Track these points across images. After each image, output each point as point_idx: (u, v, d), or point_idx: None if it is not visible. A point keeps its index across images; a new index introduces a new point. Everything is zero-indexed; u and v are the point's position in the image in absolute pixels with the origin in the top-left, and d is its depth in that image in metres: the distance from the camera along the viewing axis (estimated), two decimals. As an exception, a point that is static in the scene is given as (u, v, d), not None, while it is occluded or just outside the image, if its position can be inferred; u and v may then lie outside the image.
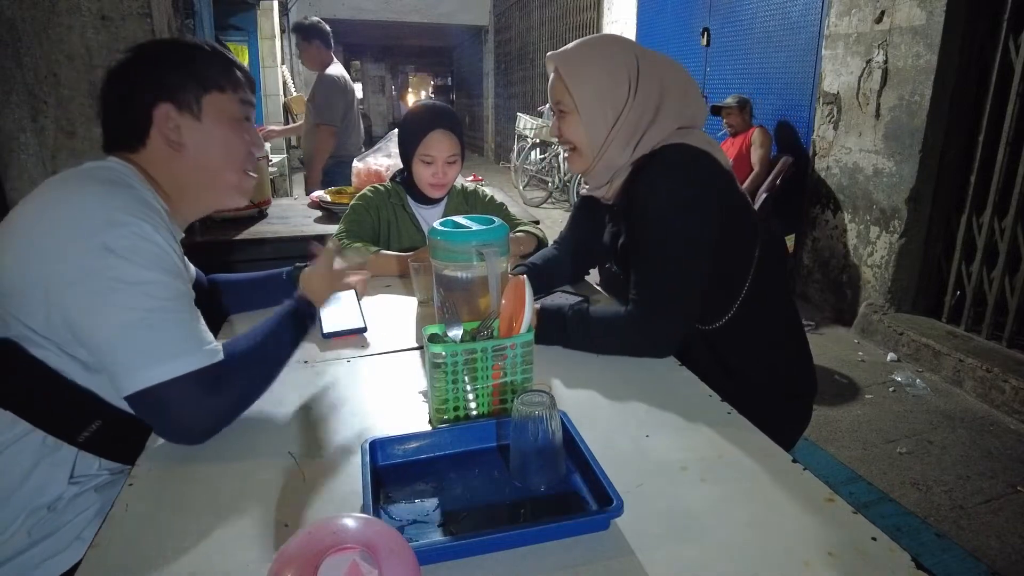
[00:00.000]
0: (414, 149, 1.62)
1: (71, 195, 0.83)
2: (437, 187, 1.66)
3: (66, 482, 0.87)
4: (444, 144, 1.61)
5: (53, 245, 0.79)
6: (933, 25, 2.88)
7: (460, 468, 0.79)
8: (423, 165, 1.63)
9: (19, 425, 0.84)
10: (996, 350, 2.78)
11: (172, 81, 0.92)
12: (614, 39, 1.16)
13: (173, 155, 0.94)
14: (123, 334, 0.78)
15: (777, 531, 0.68)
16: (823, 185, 3.63)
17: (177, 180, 0.96)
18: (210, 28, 2.97)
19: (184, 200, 0.98)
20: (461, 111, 14.66)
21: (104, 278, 0.78)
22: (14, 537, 0.83)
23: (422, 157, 1.62)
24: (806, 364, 1.24)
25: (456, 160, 1.65)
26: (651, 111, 1.11)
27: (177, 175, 0.95)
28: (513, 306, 0.90)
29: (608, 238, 1.29)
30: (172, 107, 0.92)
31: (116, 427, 0.89)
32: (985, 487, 2.08)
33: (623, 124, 1.11)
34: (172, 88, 0.92)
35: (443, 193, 1.70)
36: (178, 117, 0.93)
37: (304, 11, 9.17)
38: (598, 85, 1.11)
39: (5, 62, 1.94)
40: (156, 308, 0.79)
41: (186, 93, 0.93)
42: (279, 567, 0.51)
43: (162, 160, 0.94)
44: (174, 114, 0.92)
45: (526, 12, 9.53)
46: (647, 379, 1.03)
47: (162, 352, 0.78)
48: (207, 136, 0.95)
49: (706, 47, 4.77)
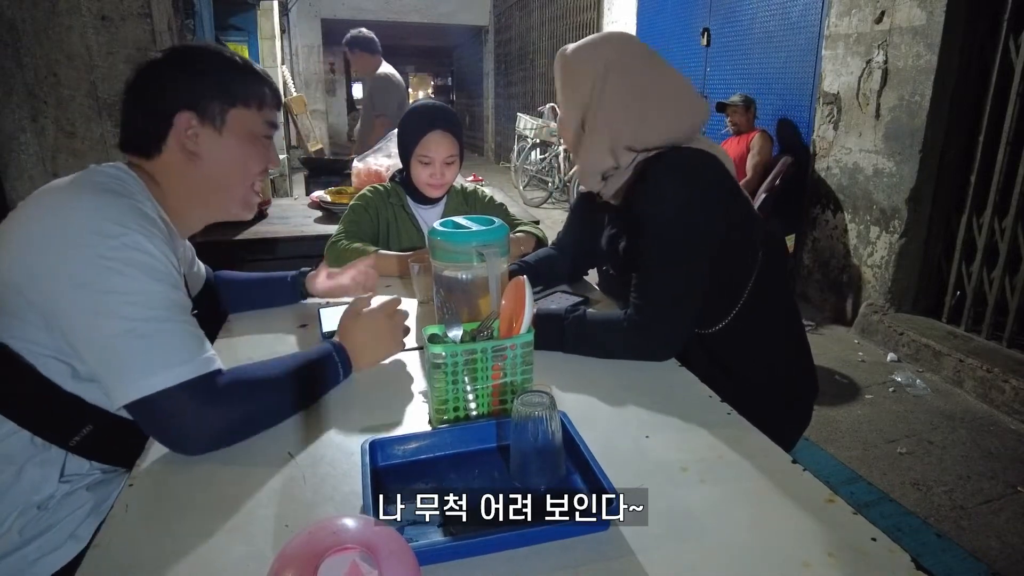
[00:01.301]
0: (412, 150, 1.62)
1: (64, 204, 0.82)
2: (435, 188, 1.66)
3: (57, 481, 0.86)
4: (442, 145, 1.61)
5: (45, 256, 0.79)
6: (933, 25, 2.88)
7: (460, 469, 0.79)
8: (421, 166, 1.63)
9: (6, 424, 0.84)
10: (996, 350, 2.78)
11: (199, 89, 0.92)
12: (604, 41, 1.14)
13: (186, 164, 0.93)
14: (116, 345, 0.77)
15: (777, 532, 0.68)
16: (823, 185, 3.63)
17: (184, 189, 0.95)
18: (210, 28, 2.97)
19: (188, 210, 0.98)
20: (461, 111, 14.66)
21: (96, 290, 0.77)
22: (6, 536, 0.82)
23: (420, 158, 1.62)
24: (806, 365, 1.23)
25: (454, 161, 1.65)
26: (619, 118, 1.10)
27: (186, 185, 0.95)
28: (513, 307, 0.90)
29: (606, 242, 1.28)
30: (194, 116, 0.92)
31: (108, 431, 0.89)
32: (985, 487, 2.08)
33: (593, 128, 1.12)
34: (198, 96, 0.92)
35: (441, 193, 1.70)
36: (198, 127, 0.92)
37: (304, 11, 9.18)
38: (571, 86, 1.14)
39: (5, 62, 1.94)
40: (150, 318, 0.79)
41: (212, 104, 0.93)
42: (279, 567, 0.51)
43: (174, 168, 0.94)
44: (195, 123, 0.92)
45: (526, 12, 9.53)
46: (647, 380, 1.03)
47: (155, 362, 0.77)
48: (224, 150, 0.95)
49: (706, 47, 4.77)
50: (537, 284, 1.37)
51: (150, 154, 0.93)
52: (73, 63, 1.95)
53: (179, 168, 0.94)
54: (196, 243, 2.05)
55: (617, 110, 1.10)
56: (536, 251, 1.52)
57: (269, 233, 2.19)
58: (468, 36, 12.19)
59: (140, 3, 1.95)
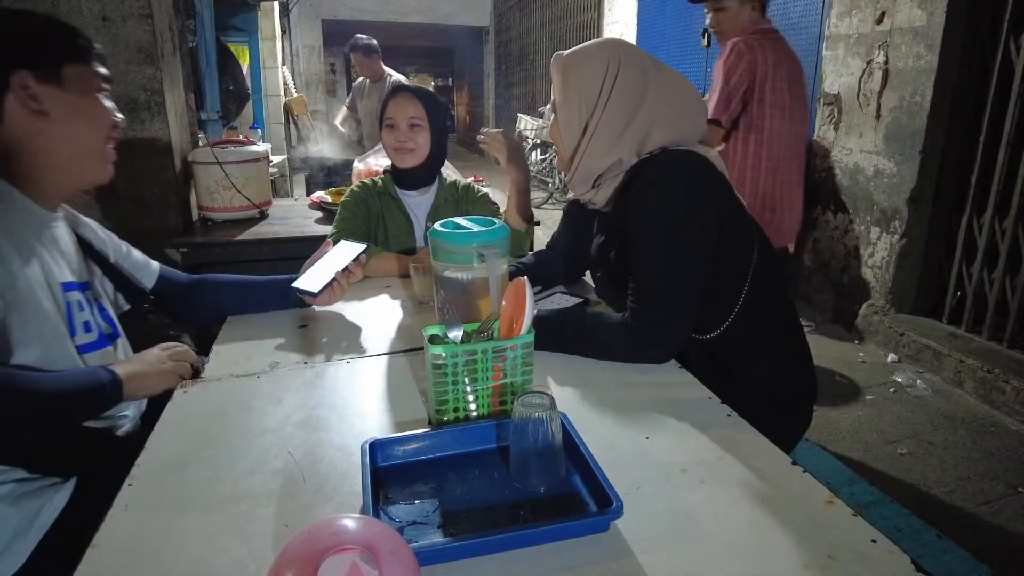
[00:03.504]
0: (382, 119, 1.62)
1: None
2: (402, 154, 1.62)
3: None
4: (406, 107, 1.59)
5: None
6: (934, 26, 2.88)
7: (460, 469, 0.79)
8: (388, 132, 1.62)
9: None
10: (997, 351, 2.78)
11: (27, 48, 0.90)
12: (605, 42, 1.14)
13: (35, 124, 0.91)
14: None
15: (777, 533, 0.68)
16: (824, 186, 3.62)
17: (38, 152, 0.93)
18: (211, 29, 2.97)
19: (47, 175, 0.95)
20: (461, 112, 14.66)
21: None
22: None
23: (386, 122, 1.62)
24: (806, 367, 1.23)
25: (421, 125, 1.61)
26: (623, 121, 1.09)
27: (39, 147, 0.93)
28: (513, 307, 0.90)
29: (596, 250, 1.28)
30: (30, 75, 0.90)
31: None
32: (986, 488, 2.08)
33: (594, 132, 1.10)
34: (28, 56, 0.90)
35: (412, 163, 1.63)
36: (37, 85, 0.91)
37: (305, 12, 9.18)
38: (574, 89, 1.11)
39: (6, 63, 1.94)
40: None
41: (44, 60, 0.91)
42: (279, 568, 0.51)
43: (22, 132, 0.91)
44: (31, 81, 0.90)
45: (527, 13, 9.54)
46: (647, 381, 1.03)
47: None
48: (71, 105, 0.94)
49: (706, 48, 4.77)
50: (535, 284, 1.37)
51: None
52: (74, 64, 1.96)
53: (26, 132, 0.91)
54: (196, 243, 2.07)
55: (626, 111, 1.09)
56: (535, 252, 1.52)
57: (269, 233, 2.19)
58: (469, 37, 12.19)
59: (141, 4, 1.95)
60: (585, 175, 1.15)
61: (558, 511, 0.72)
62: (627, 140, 1.10)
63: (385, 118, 1.62)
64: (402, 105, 1.60)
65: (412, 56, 16.90)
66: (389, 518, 0.70)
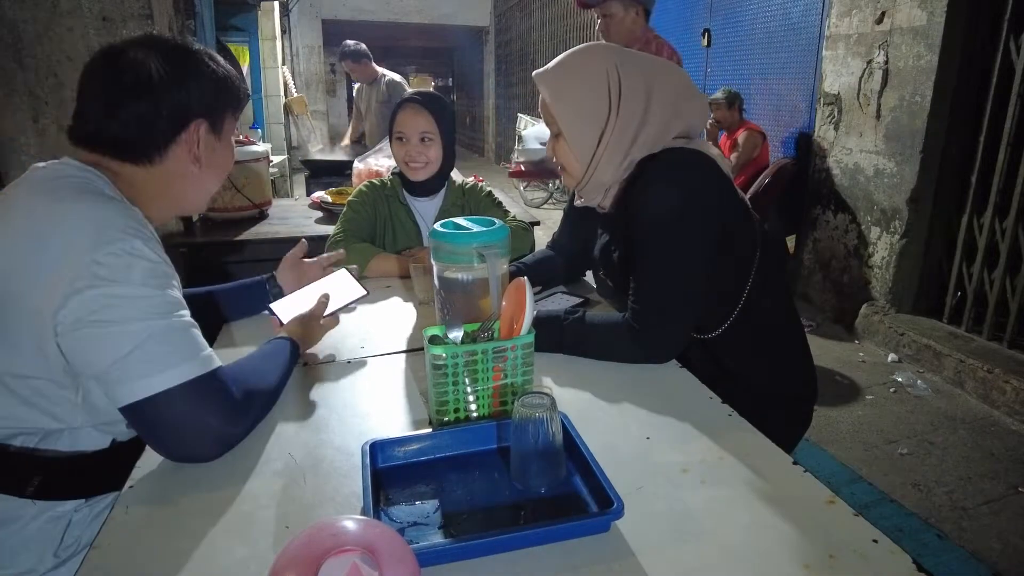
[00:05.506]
0: (391, 130, 1.61)
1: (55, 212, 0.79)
2: (414, 168, 1.60)
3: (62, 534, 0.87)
4: (416, 120, 1.56)
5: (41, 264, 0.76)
6: (934, 26, 2.88)
7: (461, 470, 0.79)
8: (398, 145, 1.60)
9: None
10: (997, 351, 2.78)
11: (212, 96, 0.90)
12: (592, 50, 1.11)
13: (188, 168, 0.91)
14: (118, 348, 0.75)
15: (778, 533, 0.68)
16: (824, 186, 3.62)
17: (160, 191, 0.91)
18: (211, 29, 2.97)
19: (154, 209, 0.93)
20: (462, 112, 14.67)
21: (97, 295, 0.75)
22: None
23: (396, 135, 1.59)
24: (807, 367, 1.23)
25: (432, 139, 1.58)
26: (637, 123, 1.07)
27: (178, 188, 0.93)
28: (514, 308, 0.90)
29: (599, 250, 1.27)
30: (205, 123, 0.90)
31: (59, 475, 0.87)
32: (986, 488, 2.08)
33: (609, 141, 1.07)
34: (212, 104, 0.90)
35: (424, 176, 1.62)
36: (206, 135, 0.91)
37: (304, 12, 9.18)
38: (578, 103, 1.07)
39: (6, 63, 1.95)
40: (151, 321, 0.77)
41: (221, 111, 0.92)
42: (280, 569, 0.51)
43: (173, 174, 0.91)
44: (204, 130, 0.90)
45: (527, 13, 9.54)
46: (647, 381, 1.03)
47: (156, 364, 0.76)
48: (220, 155, 0.95)
49: (707, 48, 4.77)
50: (535, 285, 1.37)
51: (150, 158, 0.88)
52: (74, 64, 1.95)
53: (179, 173, 0.91)
54: (196, 243, 2.07)
55: (638, 112, 1.06)
56: (535, 252, 1.51)
57: (269, 233, 2.19)
58: (469, 37, 12.19)
59: (141, 4, 1.95)
60: (600, 184, 1.13)
61: (559, 512, 0.72)
62: (642, 139, 1.08)
63: (395, 131, 1.59)
64: (412, 118, 1.57)
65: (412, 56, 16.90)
66: (390, 519, 0.70)
